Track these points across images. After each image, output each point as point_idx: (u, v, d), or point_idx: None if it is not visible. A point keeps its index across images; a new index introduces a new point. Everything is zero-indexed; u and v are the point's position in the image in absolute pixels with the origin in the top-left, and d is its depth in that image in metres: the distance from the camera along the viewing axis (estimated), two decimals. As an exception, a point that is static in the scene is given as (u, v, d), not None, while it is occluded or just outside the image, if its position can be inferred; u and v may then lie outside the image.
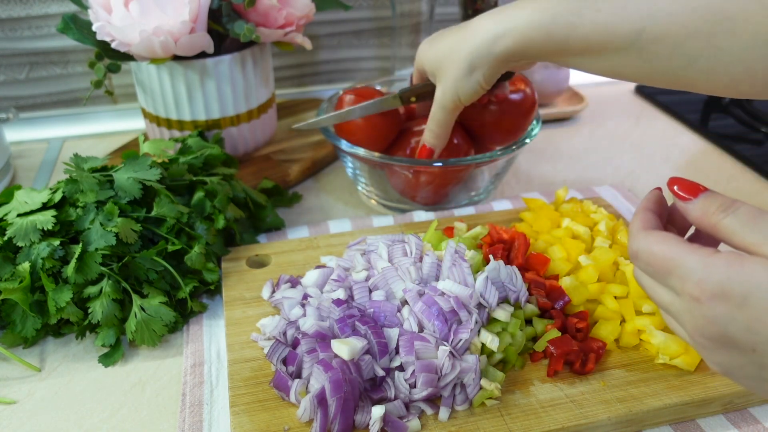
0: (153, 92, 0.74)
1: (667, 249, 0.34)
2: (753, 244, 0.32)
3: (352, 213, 0.74)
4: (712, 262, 0.32)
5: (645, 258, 0.36)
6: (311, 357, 0.48)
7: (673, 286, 0.34)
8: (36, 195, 0.57)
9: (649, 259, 0.35)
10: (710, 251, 0.33)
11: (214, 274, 0.59)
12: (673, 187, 0.37)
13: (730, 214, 0.34)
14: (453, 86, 0.57)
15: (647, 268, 0.36)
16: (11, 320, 0.54)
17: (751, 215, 0.33)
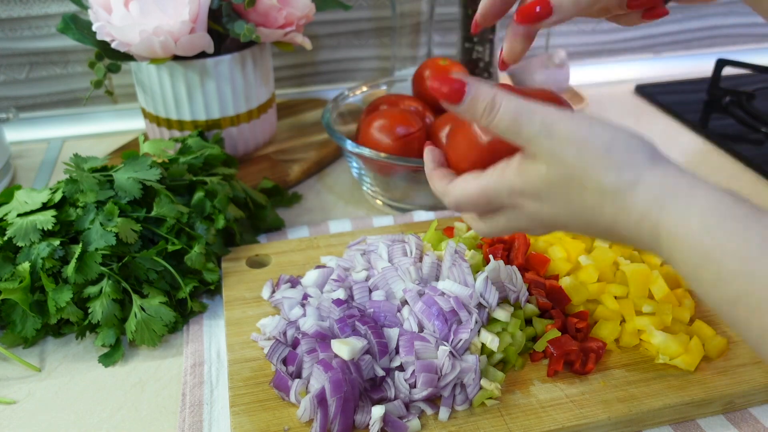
0: (153, 92, 0.74)
1: (473, 186, 0.41)
2: (521, 146, 0.38)
3: (353, 213, 0.74)
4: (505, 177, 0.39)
5: (465, 202, 0.41)
6: (311, 357, 0.48)
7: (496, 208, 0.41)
8: (36, 195, 0.57)
9: (469, 201, 0.41)
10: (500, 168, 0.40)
11: (214, 274, 0.59)
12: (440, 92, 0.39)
13: (494, 118, 0.38)
14: None
15: (474, 208, 0.42)
16: (11, 320, 0.54)
17: (511, 118, 0.37)
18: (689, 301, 0.55)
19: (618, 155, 0.35)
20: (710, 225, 0.33)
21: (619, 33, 1.12)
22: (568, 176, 0.36)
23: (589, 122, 0.36)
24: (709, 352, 0.51)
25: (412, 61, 0.95)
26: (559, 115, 0.36)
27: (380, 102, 0.76)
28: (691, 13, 1.13)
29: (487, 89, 0.38)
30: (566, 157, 0.36)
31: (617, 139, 0.36)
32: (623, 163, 0.35)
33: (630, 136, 0.36)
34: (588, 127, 0.36)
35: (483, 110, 0.38)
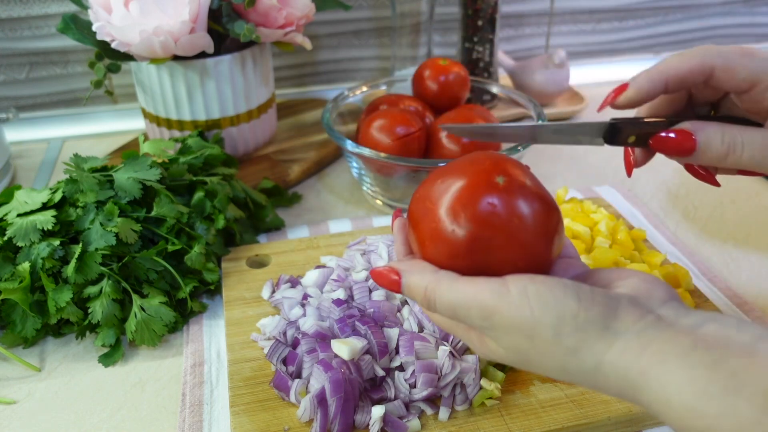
0: (153, 92, 0.74)
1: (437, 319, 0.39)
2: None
3: (353, 213, 0.74)
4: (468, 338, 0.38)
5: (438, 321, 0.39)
6: (311, 357, 0.48)
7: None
8: (36, 195, 0.57)
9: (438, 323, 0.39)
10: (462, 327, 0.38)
11: (214, 274, 0.59)
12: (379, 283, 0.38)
13: (433, 312, 0.36)
14: None
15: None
16: (11, 320, 0.54)
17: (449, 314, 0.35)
18: (689, 301, 0.55)
19: (568, 339, 0.32)
20: (695, 409, 0.29)
21: (619, 33, 1.12)
22: (527, 360, 0.34)
23: (530, 307, 0.33)
24: (709, 352, 0.50)
25: (412, 61, 0.95)
26: (494, 302, 0.33)
27: (380, 102, 0.76)
28: (691, 13, 1.13)
29: (417, 282, 0.36)
30: (517, 345, 0.34)
31: (564, 320, 0.32)
32: (578, 347, 0.32)
33: (576, 310, 0.32)
34: (529, 313, 0.33)
35: (420, 303, 0.37)
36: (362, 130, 0.71)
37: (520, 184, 0.36)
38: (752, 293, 0.61)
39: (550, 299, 0.33)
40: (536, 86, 0.94)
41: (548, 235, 0.36)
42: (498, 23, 0.91)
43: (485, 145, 0.69)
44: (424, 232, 0.37)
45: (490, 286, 0.34)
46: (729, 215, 0.73)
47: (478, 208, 0.35)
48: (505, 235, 0.35)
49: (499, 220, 0.35)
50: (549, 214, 0.36)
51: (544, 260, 0.37)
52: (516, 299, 0.33)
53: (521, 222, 0.35)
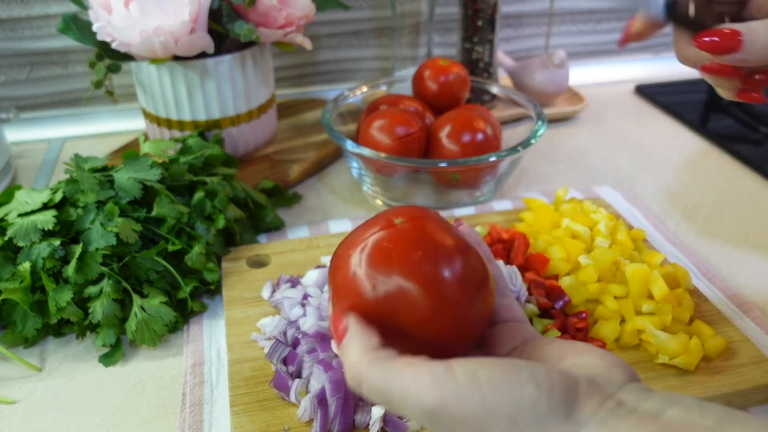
0: (153, 92, 0.74)
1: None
2: None
3: (353, 213, 0.74)
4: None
5: None
6: (311, 357, 0.48)
7: None
8: (36, 195, 0.58)
9: None
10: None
11: (215, 274, 0.59)
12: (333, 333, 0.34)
13: (362, 391, 0.32)
14: None
15: None
16: (12, 320, 0.54)
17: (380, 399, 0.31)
18: (689, 301, 0.55)
19: (527, 427, 0.29)
20: None
21: (619, 33, 1.12)
22: None
23: (480, 391, 0.29)
24: (708, 352, 0.51)
25: (412, 61, 0.95)
26: (438, 392, 0.29)
27: (380, 102, 0.76)
28: (691, 13, 1.13)
29: (352, 355, 0.32)
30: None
31: (521, 411, 0.29)
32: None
33: (536, 399, 0.29)
34: (480, 402, 0.29)
35: (350, 379, 0.32)
36: (362, 130, 0.71)
37: (421, 226, 0.34)
38: (752, 293, 0.61)
39: (505, 386, 0.29)
40: (536, 86, 0.94)
41: (464, 282, 0.33)
42: (498, 23, 0.91)
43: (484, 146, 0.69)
44: (336, 286, 0.35)
45: (433, 371, 0.30)
46: (729, 215, 0.73)
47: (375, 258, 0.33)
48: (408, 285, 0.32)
49: (397, 267, 0.32)
50: (464, 258, 0.33)
51: (467, 314, 0.33)
52: (464, 387, 0.29)
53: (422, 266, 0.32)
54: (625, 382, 0.32)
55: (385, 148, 0.69)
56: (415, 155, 0.70)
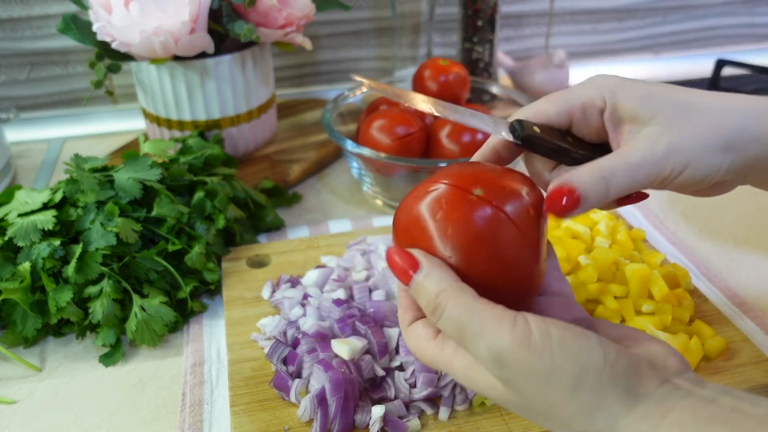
0: (153, 92, 0.74)
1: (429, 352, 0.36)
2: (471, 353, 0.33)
3: (353, 212, 0.74)
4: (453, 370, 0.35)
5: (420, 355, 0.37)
6: (311, 357, 0.48)
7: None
8: (36, 195, 0.58)
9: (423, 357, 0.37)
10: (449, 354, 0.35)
11: (215, 274, 0.59)
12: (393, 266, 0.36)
13: (437, 319, 0.34)
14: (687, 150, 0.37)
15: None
16: (12, 320, 0.54)
17: (454, 330, 0.33)
18: (689, 301, 0.55)
19: (587, 395, 0.30)
20: None
21: (619, 33, 1.12)
22: (528, 406, 0.32)
23: (551, 348, 0.31)
24: (708, 352, 0.51)
25: (412, 61, 0.95)
26: (508, 342, 0.31)
27: (380, 102, 0.76)
28: (690, 13, 1.13)
29: (434, 283, 0.34)
30: (525, 390, 0.31)
31: (587, 374, 0.30)
32: (594, 406, 0.30)
33: (602, 367, 0.30)
34: (550, 358, 0.30)
35: (426, 306, 0.34)
36: (362, 130, 0.71)
37: (498, 193, 0.35)
38: (752, 293, 0.61)
39: (575, 348, 0.31)
40: (536, 86, 0.94)
41: (535, 243, 0.35)
42: (498, 23, 0.91)
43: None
44: (403, 233, 0.37)
45: (510, 319, 0.32)
46: (729, 215, 0.73)
47: (469, 233, 0.34)
48: (488, 250, 0.34)
49: (480, 237, 0.34)
50: (535, 218, 0.36)
51: (532, 272, 0.36)
52: (537, 341, 0.31)
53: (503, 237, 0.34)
54: (680, 371, 0.33)
55: (385, 148, 0.69)
56: (415, 155, 0.70)
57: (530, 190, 0.37)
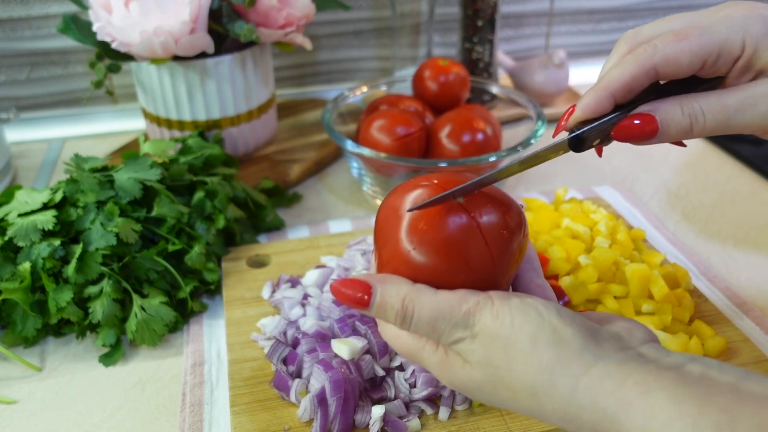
0: (153, 92, 0.74)
1: (403, 342, 0.37)
2: (445, 343, 0.35)
3: (353, 212, 0.74)
4: (431, 364, 0.36)
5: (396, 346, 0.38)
6: (311, 357, 0.48)
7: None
8: (36, 195, 0.58)
9: (398, 348, 0.38)
10: (427, 351, 0.36)
11: (215, 274, 0.59)
12: (344, 297, 0.36)
13: (409, 326, 0.35)
14: None
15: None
16: (12, 320, 0.54)
17: (428, 326, 0.34)
18: (689, 301, 0.55)
19: (545, 351, 0.31)
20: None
21: (619, 33, 1.12)
22: (495, 378, 0.33)
23: (510, 316, 0.33)
24: (708, 352, 0.51)
25: (412, 61, 0.95)
26: (480, 312, 0.33)
27: (380, 102, 0.76)
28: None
29: (393, 297, 0.34)
30: (491, 359, 0.33)
31: (542, 331, 0.32)
32: (553, 362, 0.31)
33: (557, 325, 0.32)
34: (510, 321, 0.32)
35: (395, 319, 0.35)
36: (362, 130, 0.71)
37: (478, 206, 0.36)
38: (751, 293, 0.61)
39: (531, 310, 0.33)
40: (536, 86, 0.94)
41: (500, 261, 0.36)
42: (498, 23, 0.91)
43: (484, 146, 0.69)
44: (387, 251, 0.37)
45: (474, 296, 0.34)
46: (729, 215, 0.73)
47: (437, 231, 0.35)
48: (453, 256, 0.35)
49: (449, 240, 0.35)
50: (507, 239, 0.36)
51: (495, 287, 0.36)
52: (498, 308, 0.33)
53: (479, 246, 0.35)
54: (646, 341, 0.33)
55: (385, 148, 0.69)
56: (415, 155, 0.70)
57: (513, 214, 0.37)
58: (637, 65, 0.36)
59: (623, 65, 0.37)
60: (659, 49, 0.36)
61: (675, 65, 0.36)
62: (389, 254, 0.37)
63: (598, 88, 0.37)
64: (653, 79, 0.37)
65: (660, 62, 0.36)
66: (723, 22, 0.36)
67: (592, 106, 0.37)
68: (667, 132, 0.37)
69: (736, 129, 0.37)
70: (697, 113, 0.37)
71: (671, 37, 0.37)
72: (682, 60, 0.36)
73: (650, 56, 0.36)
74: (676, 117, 0.37)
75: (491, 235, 0.35)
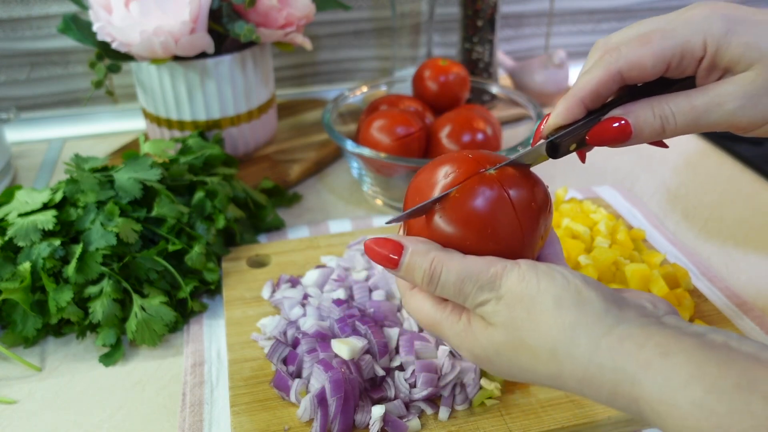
0: (153, 92, 0.74)
1: (426, 312, 0.37)
2: (470, 305, 0.35)
3: (353, 212, 0.74)
4: (453, 332, 0.36)
5: (419, 318, 0.38)
6: (311, 357, 0.48)
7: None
8: (37, 195, 0.58)
9: (422, 321, 0.38)
10: (450, 318, 0.36)
11: (215, 274, 0.59)
12: (375, 255, 0.37)
13: (435, 288, 0.35)
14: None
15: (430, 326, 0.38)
16: (12, 320, 0.54)
17: (454, 288, 0.35)
18: (689, 301, 0.55)
19: (568, 311, 0.32)
20: (704, 405, 0.27)
21: (619, 33, 1.12)
22: (517, 340, 0.33)
23: (537, 279, 0.33)
24: (708, 352, 0.51)
25: (412, 61, 0.95)
26: (504, 271, 0.34)
27: (380, 102, 0.76)
28: (691, 13, 1.13)
29: (422, 257, 0.35)
30: (515, 320, 0.33)
31: (566, 293, 0.33)
32: (575, 321, 0.32)
33: (580, 288, 0.33)
34: (536, 282, 0.33)
35: (422, 280, 0.35)
36: (362, 130, 0.72)
37: (509, 178, 0.37)
38: (751, 293, 0.61)
39: (557, 275, 0.33)
40: (536, 86, 0.94)
41: (529, 233, 0.37)
42: (498, 23, 0.91)
43: (484, 146, 0.69)
44: (418, 219, 0.37)
45: (501, 261, 0.35)
46: (728, 215, 0.73)
47: (469, 201, 0.36)
48: (483, 224, 0.35)
49: (479, 209, 0.35)
50: (536, 211, 0.37)
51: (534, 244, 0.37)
52: (525, 272, 0.34)
53: (510, 215, 0.36)
54: (668, 312, 0.34)
55: (385, 148, 0.69)
56: (415, 155, 0.70)
57: (540, 190, 0.38)
58: (603, 71, 0.37)
59: (591, 72, 0.38)
60: (623, 54, 0.37)
61: (639, 69, 0.37)
62: (420, 224, 0.37)
63: (568, 96, 0.38)
64: (620, 83, 0.38)
65: (624, 67, 0.37)
66: (685, 25, 0.37)
67: (563, 114, 0.38)
68: (640, 134, 0.38)
69: (707, 128, 0.38)
70: (668, 115, 0.37)
71: (635, 42, 0.37)
72: (646, 63, 0.37)
73: (615, 61, 0.37)
74: (648, 119, 0.37)
75: (521, 206, 0.36)
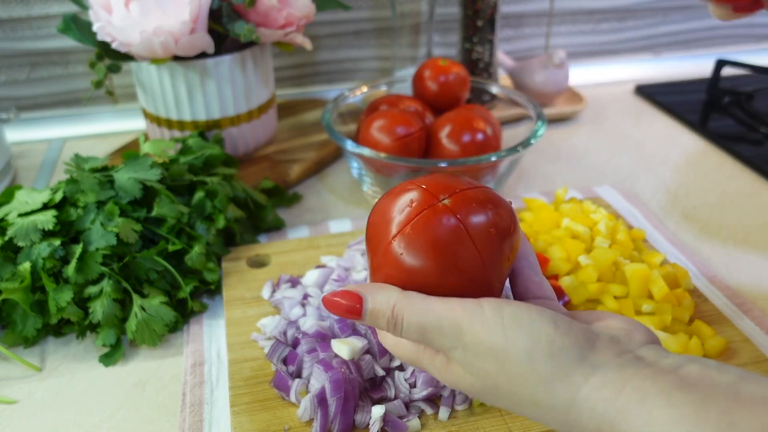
0: (153, 92, 0.74)
1: (405, 347, 0.37)
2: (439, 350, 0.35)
3: (353, 212, 0.74)
4: (433, 368, 0.36)
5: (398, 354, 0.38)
6: (311, 357, 0.48)
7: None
8: (37, 195, 0.58)
9: (401, 355, 0.38)
10: (428, 356, 0.36)
11: (215, 274, 0.59)
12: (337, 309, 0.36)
13: (400, 332, 0.35)
14: None
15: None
16: (12, 320, 0.54)
17: (418, 332, 0.34)
18: (689, 301, 0.55)
19: (542, 365, 0.31)
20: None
21: (619, 33, 1.12)
22: (495, 387, 0.33)
23: (503, 328, 0.32)
24: (708, 352, 0.51)
25: (412, 61, 0.95)
26: (467, 321, 0.33)
27: (380, 102, 0.76)
28: (691, 13, 1.13)
29: (384, 302, 0.35)
30: (487, 371, 0.32)
31: (537, 344, 0.31)
32: (551, 375, 0.31)
33: (552, 335, 0.32)
34: (502, 333, 0.32)
35: (386, 325, 0.35)
36: (362, 130, 0.72)
37: (464, 206, 0.36)
38: (751, 293, 0.61)
39: (526, 321, 0.32)
40: (536, 86, 0.94)
41: (489, 261, 0.35)
42: (498, 23, 0.91)
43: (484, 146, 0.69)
44: (378, 256, 0.37)
45: (463, 305, 0.33)
46: (728, 215, 0.73)
47: (424, 235, 0.35)
48: (442, 258, 0.34)
49: (437, 243, 0.35)
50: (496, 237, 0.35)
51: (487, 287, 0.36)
52: (490, 319, 0.32)
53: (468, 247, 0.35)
54: (645, 342, 0.33)
55: (385, 148, 0.69)
56: (415, 155, 0.70)
57: (502, 212, 0.37)
58: None
59: None
60: None
61: None
62: (380, 260, 0.36)
63: None
64: None
65: None
66: None
67: None
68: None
69: None
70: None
71: None
72: None
73: None
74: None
75: (479, 235, 0.35)
